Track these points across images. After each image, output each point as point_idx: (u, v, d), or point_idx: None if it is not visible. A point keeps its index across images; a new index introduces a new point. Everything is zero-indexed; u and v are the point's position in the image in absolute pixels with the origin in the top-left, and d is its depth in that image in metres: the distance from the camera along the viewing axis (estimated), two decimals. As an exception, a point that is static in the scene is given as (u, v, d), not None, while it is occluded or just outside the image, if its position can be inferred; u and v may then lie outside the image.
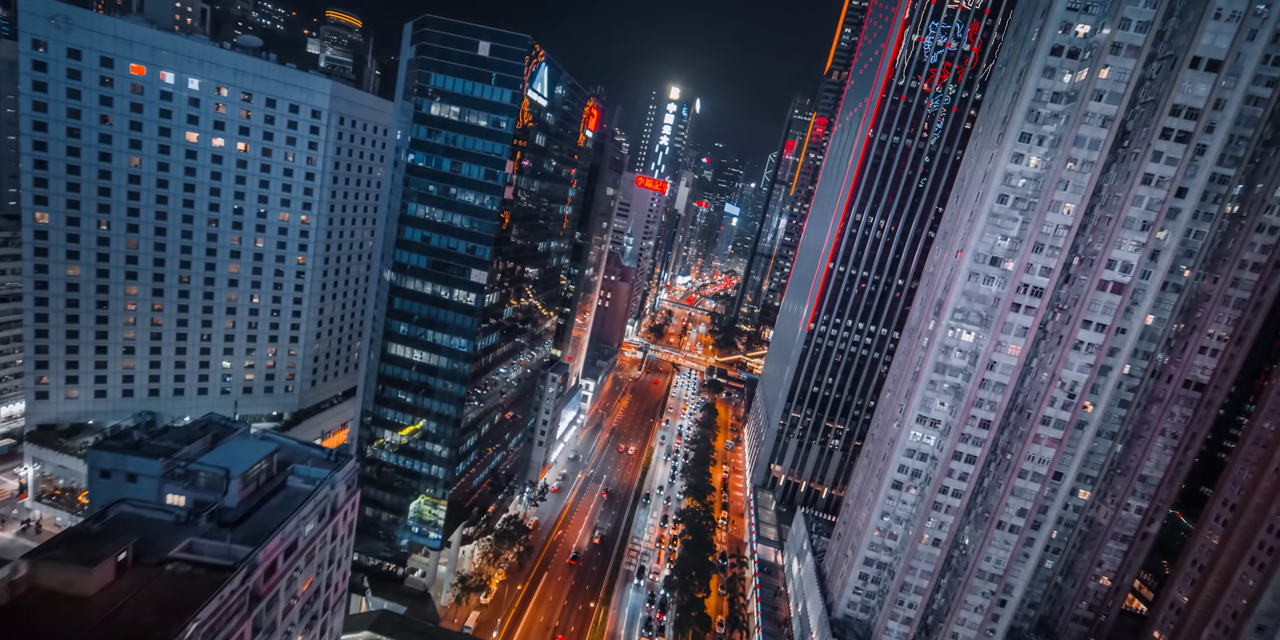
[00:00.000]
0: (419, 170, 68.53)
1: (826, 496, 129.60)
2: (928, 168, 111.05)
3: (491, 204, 68.17)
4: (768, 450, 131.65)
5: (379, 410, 74.11)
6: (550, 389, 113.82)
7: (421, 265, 69.98)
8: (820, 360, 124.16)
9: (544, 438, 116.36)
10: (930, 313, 69.29)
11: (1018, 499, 65.14)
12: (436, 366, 71.76)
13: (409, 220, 69.40)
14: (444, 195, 68.57)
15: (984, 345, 62.98)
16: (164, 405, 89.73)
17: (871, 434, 79.67)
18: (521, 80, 66.01)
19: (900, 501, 70.92)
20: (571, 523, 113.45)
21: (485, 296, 70.57)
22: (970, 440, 65.06)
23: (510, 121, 66.67)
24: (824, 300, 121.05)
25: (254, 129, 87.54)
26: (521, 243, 79.91)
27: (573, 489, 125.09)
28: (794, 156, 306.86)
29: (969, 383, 64.23)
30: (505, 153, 67.26)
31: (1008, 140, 60.64)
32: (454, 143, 67.50)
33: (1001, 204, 61.83)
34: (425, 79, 66.81)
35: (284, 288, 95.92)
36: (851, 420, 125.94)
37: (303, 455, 47.77)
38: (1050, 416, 62.72)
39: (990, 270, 63.19)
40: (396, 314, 71.45)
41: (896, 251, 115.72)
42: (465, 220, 68.72)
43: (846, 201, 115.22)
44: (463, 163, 67.65)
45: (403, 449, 74.83)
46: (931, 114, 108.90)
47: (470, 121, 67.07)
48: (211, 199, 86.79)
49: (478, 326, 70.37)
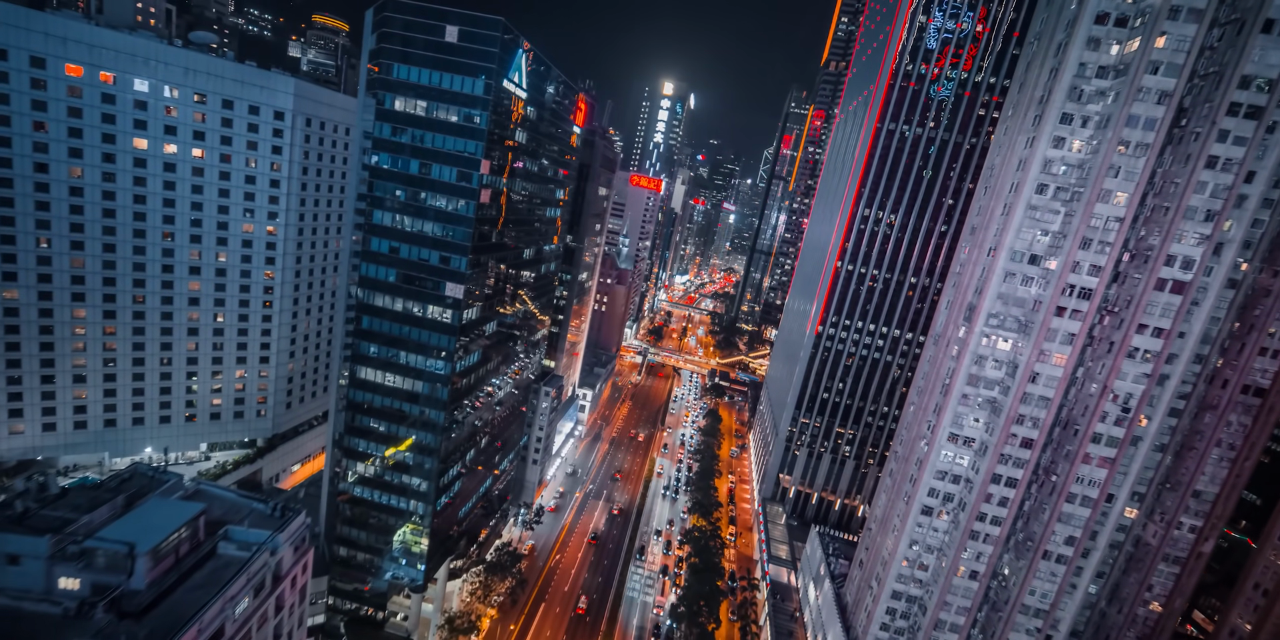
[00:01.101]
0: (383, 173, 61.28)
1: (840, 507, 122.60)
2: (940, 158, 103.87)
3: (466, 209, 60.94)
4: (776, 460, 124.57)
5: (349, 441, 66.92)
6: (544, 404, 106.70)
7: (390, 279, 62.72)
8: (830, 364, 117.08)
9: (539, 455, 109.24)
10: (959, 318, 62.15)
11: (1065, 526, 58.08)
12: (411, 391, 64.55)
13: (374, 230, 62.15)
14: (413, 201, 61.33)
15: (1024, 355, 55.85)
16: (122, 436, 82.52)
17: (894, 452, 72.58)
18: (495, 69, 58.72)
19: (931, 529, 63.81)
20: (571, 545, 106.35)
21: (463, 312, 63.38)
22: (1011, 462, 57.94)
23: (484, 116, 59.39)
24: (833, 301, 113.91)
25: (209, 133, 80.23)
26: (505, 250, 72.69)
27: (571, 507, 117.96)
28: (792, 151, 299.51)
29: (1008, 397, 57.11)
30: (479, 151, 59.99)
31: (1046, 123, 53.44)
32: (421, 141, 60.24)
33: (1041, 195, 54.65)
34: (387, 70, 59.54)
35: (251, 305, 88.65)
36: (865, 427, 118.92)
37: (241, 511, 40.57)
38: (1101, 433, 55.64)
39: (1029, 270, 56.04)
40: (364, 334, 64.23)
41: (910, 248, 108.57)
42: (437, 228, 61.46)
43: (854, 196, 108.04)
44: (432, 164, 60.38)
45: (378, 482, 67.64)
46: (943, 101, 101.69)
47: (439, 117, 59.80)
48: (165, 211, 79.49)
49: (456, 345, 63.17)
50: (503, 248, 71.82)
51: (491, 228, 66.77)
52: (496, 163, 64.15)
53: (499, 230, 69.35)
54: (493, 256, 69.13)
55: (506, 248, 73.20)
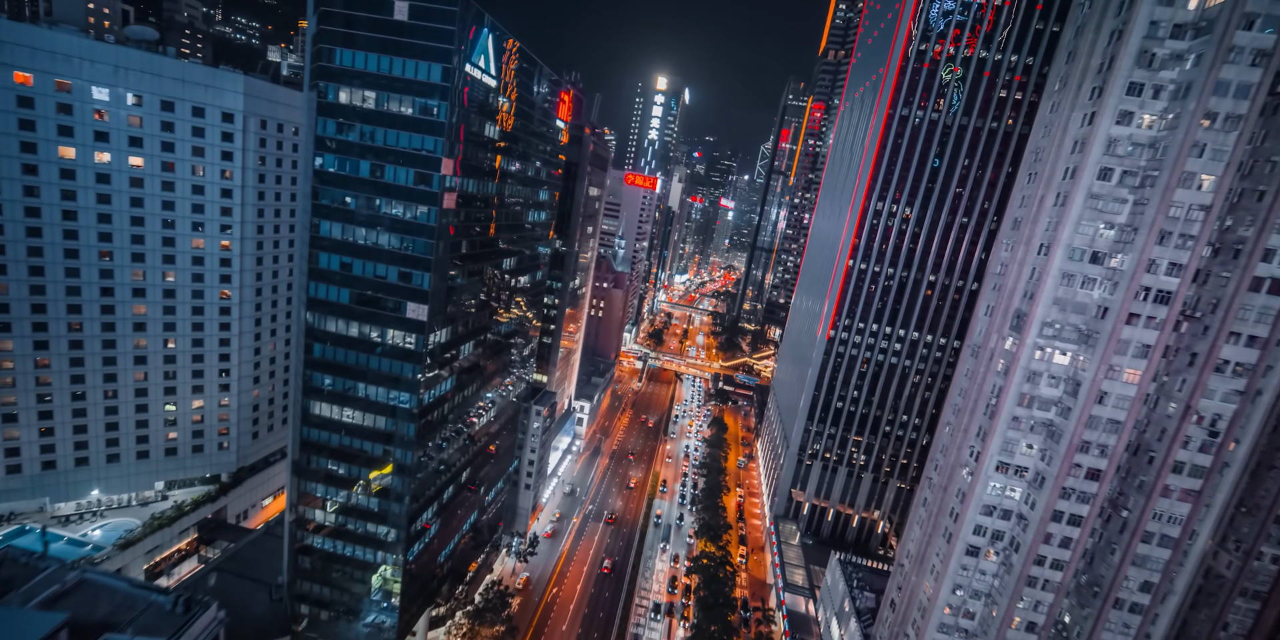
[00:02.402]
0: (331, 177, 52.71)
1: (859, 524, 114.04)
2: (960, 144, 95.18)
3: (428, 217, 52.36)
4: (788, 475, 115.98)
5: (305, 485, 58.43)
6: (535, 425, 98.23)
7: (344, 301, 54.17)
8: (844, 371, 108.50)
9: (531, 480, 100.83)
10: (1005, 327, 53.51)
11: (1141, 570, 49.48)
12: (373, 429, 56.04)
13: (323, 243, 53.60)
14: (365, 209, 52.75)
15: (1089, 370, 47.22)
16: (63, 479, 74.15)
17: (928, 479, 64.00)
18: (455, 52, 50.14)
19: (978, 572, 55.22)
20: (569, 575, 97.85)
21: (430, 335, 54.84)
22: (1074, 496, 49.33)
23: (444, 107, 50.80)
24: (844, 302, 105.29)
25: (148, 139, 71.76)
26: (480, 261, 64.17)
27: (569, 533, 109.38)
28: (790, 144, 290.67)
29: (1069, 421, 48.50)
30: (440, 149, 51.42)
31: (1109, 95, 44.77)
32: (372, 139, 51.66)
33: (1104, 181, 46.00)
34: (329, 56, 50.99)
35: (206, 328, 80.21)
36: (883, 438, 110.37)
37: (133, 608, 32.07)
38: (1184, 461, 47.03)
39: (1091, 270, 47.41)
40: (317, 364, 55.70)
41: (928, 243, 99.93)
42: (395, 240, 52.89)
43: (865, 189, 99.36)
44: (385, 164, 51.81)
45: (340, 532, 59.15)
46: (960, 82, 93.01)
47: (391, 109, 51.21)
48: (101, 227, 71.06)
49: (423, 375, 54.62)
50: (477, 258, 63.26)
51: (461, 236, 58.20)
52: (463, 162, 55.56)
53: (471, 239, 60.79)
54: (465, 269, 60.59)
55: (482, 258, 64.64)
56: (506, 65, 60.85)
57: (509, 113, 64.76)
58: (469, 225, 59.70)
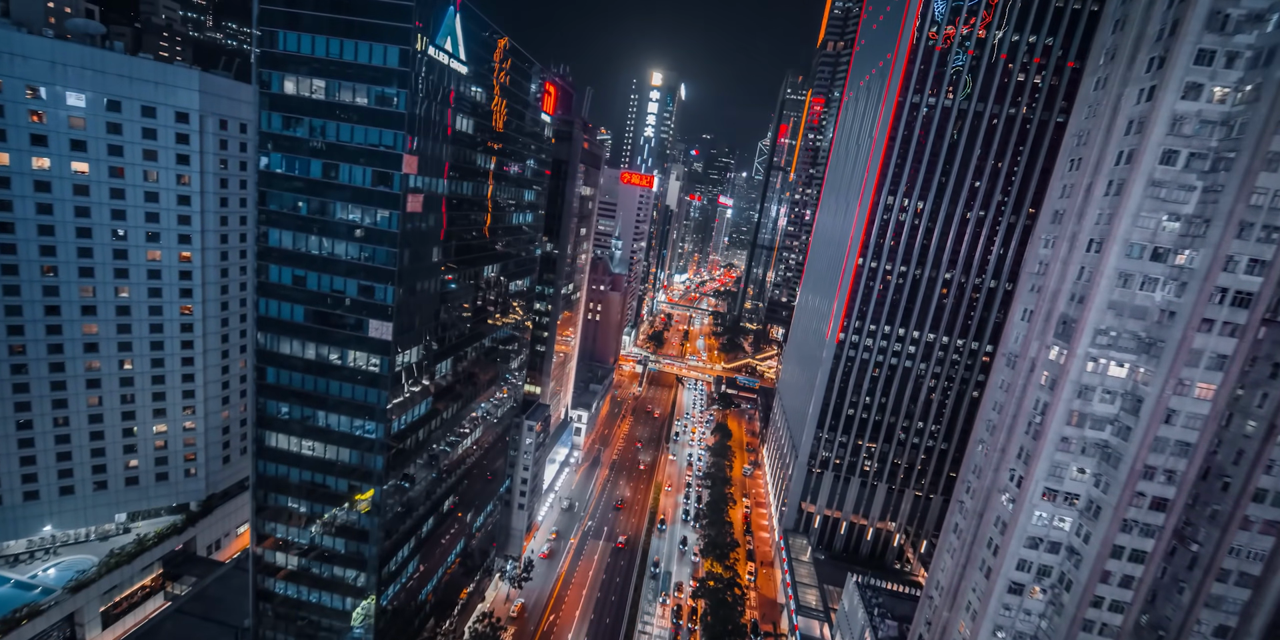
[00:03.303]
0: (278, 179, 46.40)
1: (874, 536, 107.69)
2: (975, 132, 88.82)
3: (389, 222, 46.05)
4: (797, 487, 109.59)
5: (263, 525, 52.19)
6: (528, 440, 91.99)
7: (298, 320, 47.89)
8: (855, 376, 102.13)
9: (525, 499, 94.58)
10: (1049, 334, 47.14)
11: (1215, 612, 43.11)
12: (337, 462, 49.77)
13: (272, 254, 47.30)
14: (319, 214, 46.45)
15: (1154, 385, 40.86)
16: (12, 515, 67.96)
17: (959, 502, 57.62)
18: (415, 31, 43.80)
19: (1022, 612, 48.87)
20: (568, 600, 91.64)
21: (398, 355, 48.57)
22: (1137, 529, 42.99)
23: (403, 96, 44.47)
24: (854, 303, 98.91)
25: (93, 142, 65.52)
26: (455, 269, 57.86)
27: (567, 553, 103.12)
28: (790, 140, 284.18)
29: (1129, 442, 42.15)
30: (401, 144, 45.09)
31: (1173, 66, 38.36)
32: (322, 134, 45.34)
33: (1168, 165, 39.60)
34: (272, 40, 44.68)
35: (166, 346, 74.00)
36: (898, 445, 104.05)
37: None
38: (1266, 489, 40.65)
39: (1152, 268, 41.02)
40: (271, 391, 49.43)
41: (942, 239, 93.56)
42: (353, 249, 46.57)
43: (875, 182, 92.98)
44: (339, 163, 45.52)
45: (305, 577, 52.90)
46: (976, 65, 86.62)
47: (344, 100, 44.90)
48: (43, 240, 64.82)
49: (390, 400, 48.35)
50: (453, 266, 56.93)
51: (431, 243, 51.86)
52: (430, 159, 49.25)
53: (444, 245, 54.44)
54: (438, 279, 54.25)
55: (458, 266, 58.30)
56: (479, 49, 54.50)
57: (484, 104, 58.41)
58: (441, 230, 53.35)
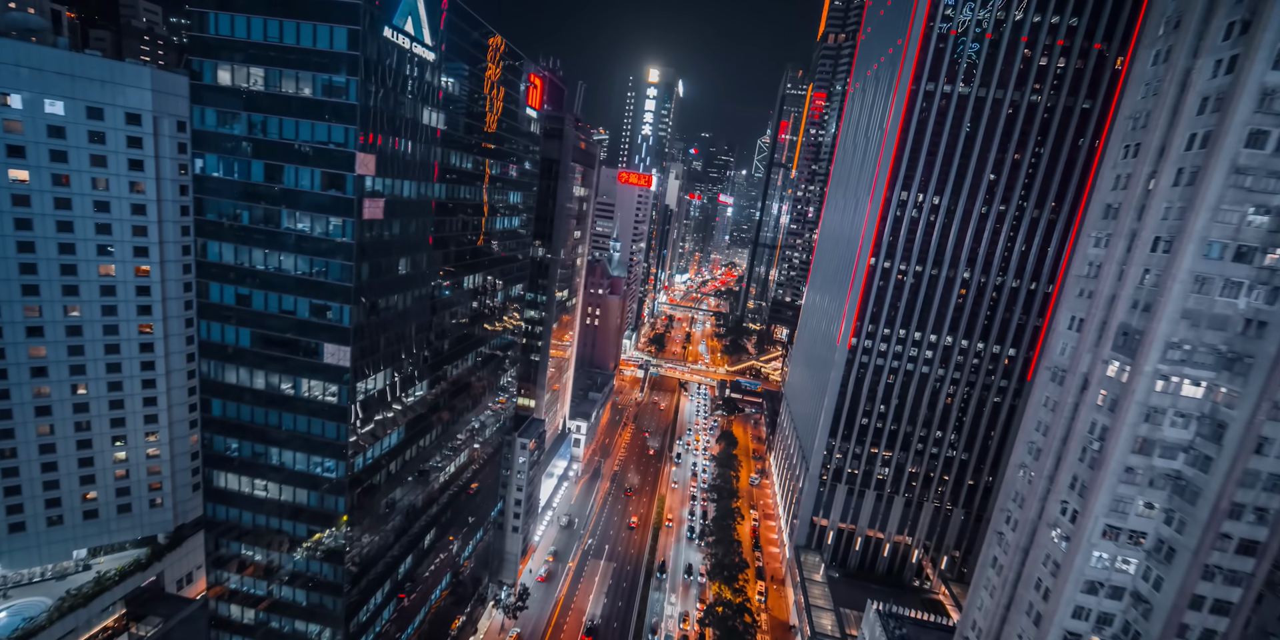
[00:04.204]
0: (215, 185, 40.43)
1: (891, 551, 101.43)
2: (995, 121, 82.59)
3: (342, 231, 40.02)
4: (809, 501, 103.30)
5: (217, 574, 46.24)
6: (521, 459, 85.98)
7: (244, 344, 41.92)
8: (868, 383, 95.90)
9: (520, 521, 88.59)
10: (1106, 347, 40.90)
11: (1313, 670, 36.84)
12: (293, 505, 43.83)
13: (212, 270, 41.34)
14: (262, 223, 40.48)
15: (1241, 408, 34.63)
16: (-46, 556, 62.35)
17: (997, 534, 51.39)
18: (365, 8, 37.77)
19: (1082, 663, 42.68)
20: (567, 627, 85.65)
21: (361, 382, 42.60)
22: (1221, 576, 36.77)
23: (354, 84, 38.41)
24: (867, 306, 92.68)
25: (31, 148, 59.55)
26: (427, 282, 51.85)
27: (565, 575, 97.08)
28: (790, 136, 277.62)
29: (1210, 475, 35.92)
30: (353, 141, 39.03)
31: (1261, 27, 32.10)
32: (263, 131, 39.34)
33: (1255, 149, 33.34)
34: (202, 23, 38.67)
35: (125, 368, 68.14)
36: (916, 456, 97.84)
37: None
38: (1377, 530, 34.38)
39: (1236, 271, 34.78)
40: (217, 425, 43.49)
41: (960, 236, 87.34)
42: (303, 263, 40.57)
43: (887, 177, 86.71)
44: (284, 165, 39.52)
45: (265, 632, 46.91)
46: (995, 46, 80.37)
47: (285, 90, 38.87)
48: (-21, 254, 59.05)
49: (351, 434, 42.36)
50: (424, 279, 50.91)
51: (397, 254, 45.83)
52: (392, 158, 43.23)
53: (413, 255, 48.42)
54: (407, 293, 48.25)
55: (431, 278, 52.28)
56: (451, 35, 48.45)
57: (458, 95, 52.34)
58: (409, 239, 47.36)
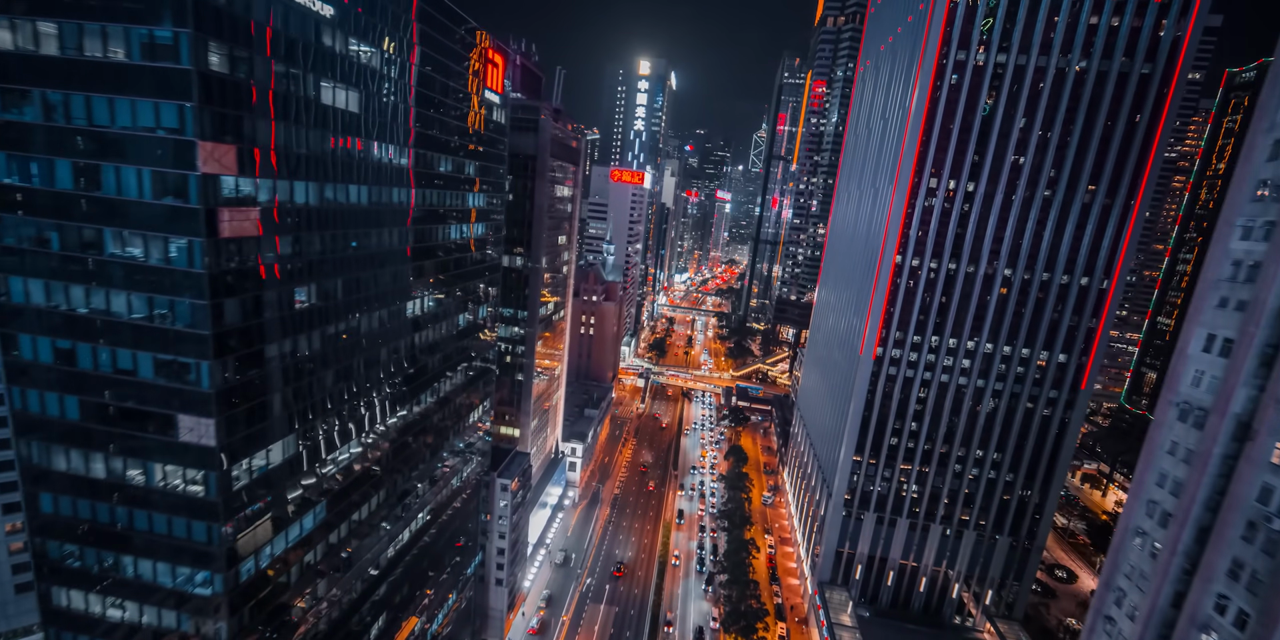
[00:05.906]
0: (9, 195, 28.54)
1: (928, 584, 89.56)
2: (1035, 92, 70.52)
3: (188, 257, 28.05)
4: (833, 532, 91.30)
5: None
6: (503, 502, 74.24)
7: (71, 417, 30.08)
8: (897, 398, 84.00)
9: (505, 572, 76.87)
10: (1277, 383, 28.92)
11: None
12: (158, 632, 31.99)
13: (19, 316, 29.48)
14: (78, 249, 28.59)
15: None
16: None
17: (1105, 621, 39.27)
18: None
19: None
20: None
21: (242, 462, 30.76)
22: None
23: (189, 38, 26.43)
24: (893, 311, 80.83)
25: None
26: (344, 315, 39.95)
27: (561, 629, 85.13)
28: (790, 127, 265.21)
29: None
30: (192, 124, 26.99)
31: None
32: (66, 116, 27.40)
33: None
34: (-31, -33, 26.74)
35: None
36: (954, 478, 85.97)
37: None
38: None
39: None
40: (50, 527, 31.66)
41: (999, 228, 75.45)
42: (138, 304, 28.70)
43: (913, 164, 74.67)
44: (98, 163, 27.60)
45: None
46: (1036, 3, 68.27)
47: (90, 54, 26.93)
48: None
49: (230, 536, 30.53)
50: (335, 313, 38.90)
51: (289, 281, 33.89)
52: (271, 149, 31.26)
53: (315, 282, 36.47)
54: (310, 333, 36.29)
55: (349, 310, 40.33)
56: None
57: (372, 65, 40.31)
58: (310, 260, 35.40)
